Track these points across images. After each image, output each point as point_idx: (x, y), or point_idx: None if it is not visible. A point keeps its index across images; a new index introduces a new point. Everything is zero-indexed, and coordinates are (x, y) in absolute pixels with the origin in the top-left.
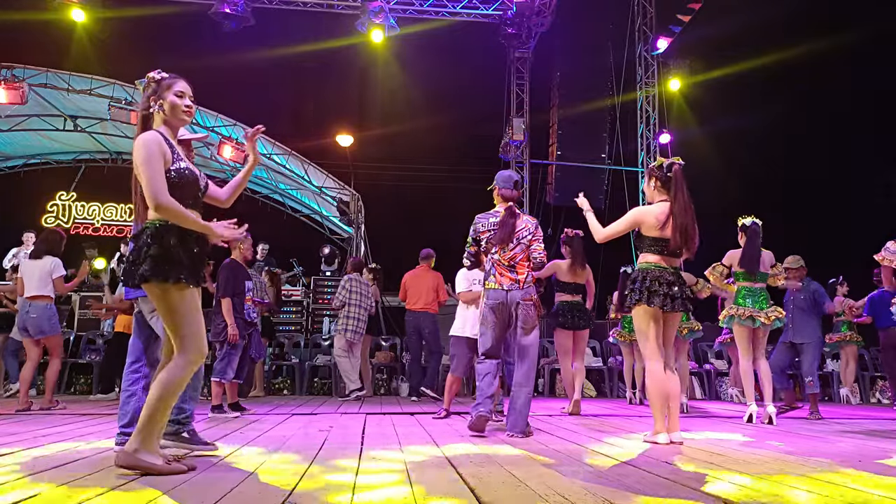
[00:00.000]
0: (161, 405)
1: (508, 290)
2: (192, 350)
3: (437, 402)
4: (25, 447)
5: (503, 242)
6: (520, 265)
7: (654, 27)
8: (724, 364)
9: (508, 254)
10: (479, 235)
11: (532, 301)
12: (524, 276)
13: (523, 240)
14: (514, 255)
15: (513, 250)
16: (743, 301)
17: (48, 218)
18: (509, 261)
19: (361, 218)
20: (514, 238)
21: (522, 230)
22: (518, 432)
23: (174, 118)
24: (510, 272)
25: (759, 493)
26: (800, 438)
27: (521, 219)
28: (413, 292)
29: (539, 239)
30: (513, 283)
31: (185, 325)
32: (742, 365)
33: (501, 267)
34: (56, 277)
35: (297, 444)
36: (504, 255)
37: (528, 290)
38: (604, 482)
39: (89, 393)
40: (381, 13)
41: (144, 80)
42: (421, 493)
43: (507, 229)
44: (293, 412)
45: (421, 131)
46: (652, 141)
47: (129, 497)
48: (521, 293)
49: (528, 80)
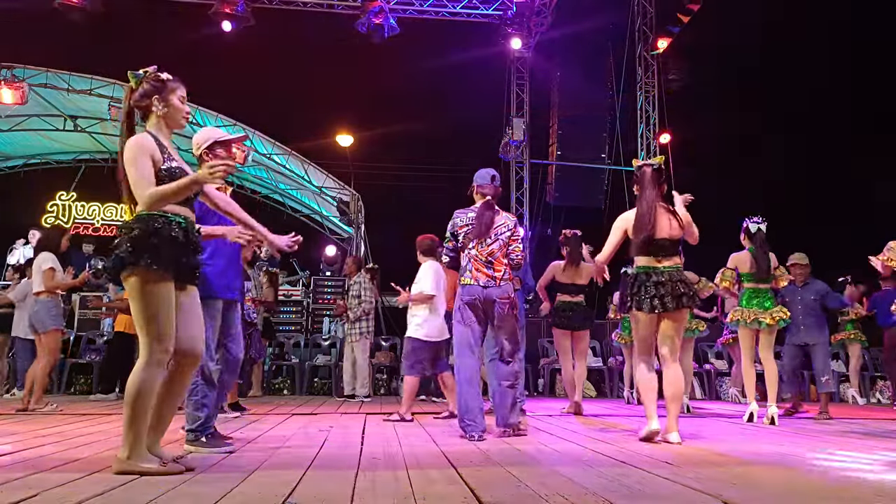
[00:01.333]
0: (132, 411)
1: (485, 286)
2: (157, 350)
3: (437, 403)
4: (26, 447)
5: (480, 237)
6: (497, 262)
7: (654, 27)
8: (724, 364)
9: (486, 249)
10: (457, 230)
11: (509, 300)
12: (501, 274)
13: (501, 236)
14: (492, 251)
15: (490, 246)
16: (748, 303)
17: (48, 218)
18: (487, 256)
19: (361, 218)
20: (490, 233)
21: (501, 226)
22: (504, 426)
23: (173, 121)
24: (487, 268)
25: (759, 492)
26: (801, 438)
27: (499, 214)
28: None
29: (518, 238)
30: (489, 279)
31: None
32: (743, 364)
33: (478, 262)
34: (43, 270)
35: (298, 444)
36: (481, 250)
37: (506, 289)
38: (604, 482)
39: (89, 393)
40: (381, 13)
41: (140, 73)
42: (421, 493)
43: (483, 222)
44: (293, 412)
45: (421, 131)
46: (652, 141)
47: (127, 498)
48: (499, 291)
49: (528, 80)
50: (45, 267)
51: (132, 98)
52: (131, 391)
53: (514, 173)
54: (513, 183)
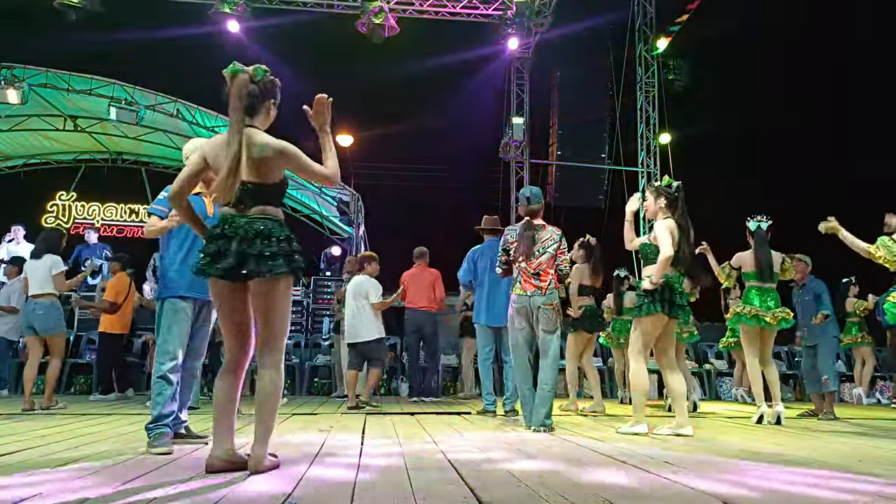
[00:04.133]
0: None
1: (531, 295)
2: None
3: (437, 403)
4: (26, 447)
5: (526, 256)
6: (544, 273)
7: (654, 27)
8: (724, 364)
9: (534, 263)
10: (508, 245)
11: (552, 306)
12: (547, 283)
13: (549, 249)
14: (540, 264)
15: (538, 259)
16: (750, 301)
17: (48, 218)
18: (535, 268)
19: (361, 218)
20: (534, 250)
21: (547, 240)
22: (539, 426)
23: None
24: (534, 279)
25: (759, 492)
26: (803, 438)
27: (545, 229)
28: (413, 290)
29: (565, 251)
30: (535, 289)
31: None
32: (749, 364)
33: (526, 275)
34: (55, 274)
35: (298, 444)
36: (530, 264)
37: (551, 296)
38: (604, 482)
39: (89, 393)
40: (381, 13)
41: (258, 69)
42: (421, 493)
43: (525, 243)
44: (293, 412)
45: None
46: (652, 141)
47: (129, 498)
48: (543, 298)
49: (528, 80)
50: (57, 271)
51: (266, 95)
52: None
53: (514, 173)
54: (513, 183)
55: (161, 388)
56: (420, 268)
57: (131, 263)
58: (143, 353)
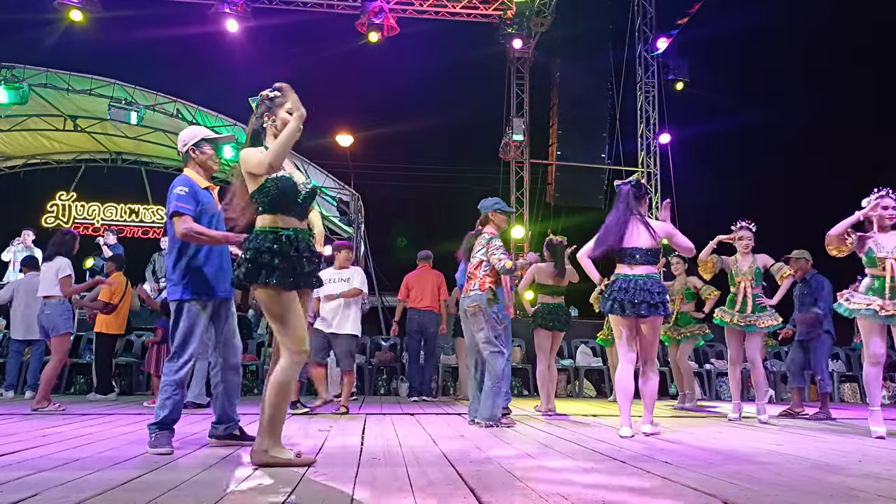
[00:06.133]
0: (275, 408)
1: (463, 298)
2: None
3: (437, 404)
4: (26, 447)
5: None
6: (473, 276)
7: (654, 27)
8: (724, 364)
9: (469, 269)
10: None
11: (473, 307)
12: (472, 286)
13: (479, 252)
14: (470, 269)
15: (470, 265)
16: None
17: (48, 218)
18: (468, 274)
19: (361, 218)
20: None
21: (477, 245)
22: (481, 419)
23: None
24: (469, 284)
25: (758, 492)
26: (800, 438)
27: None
28: (417, 290)
29: (496, 251)
30: (466, 294)
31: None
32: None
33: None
34: (61, 277)
35: (298, 444)
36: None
37: (472, 298)
38: (603, 481)
39: (89, 392)
40: (380, 13)
41: (258, 97)
42: (421, 493)
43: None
44: (293, 412)
45: (421, 131)
46: (652, 141)
47: (128, 498)
48: (468, 300)
49: (528, 80)
50: (63, 275)
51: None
52: (276, 389)
53: (514, 173)
54: (513, 183)
55: (171, 393)
56: (424, 269)
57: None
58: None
